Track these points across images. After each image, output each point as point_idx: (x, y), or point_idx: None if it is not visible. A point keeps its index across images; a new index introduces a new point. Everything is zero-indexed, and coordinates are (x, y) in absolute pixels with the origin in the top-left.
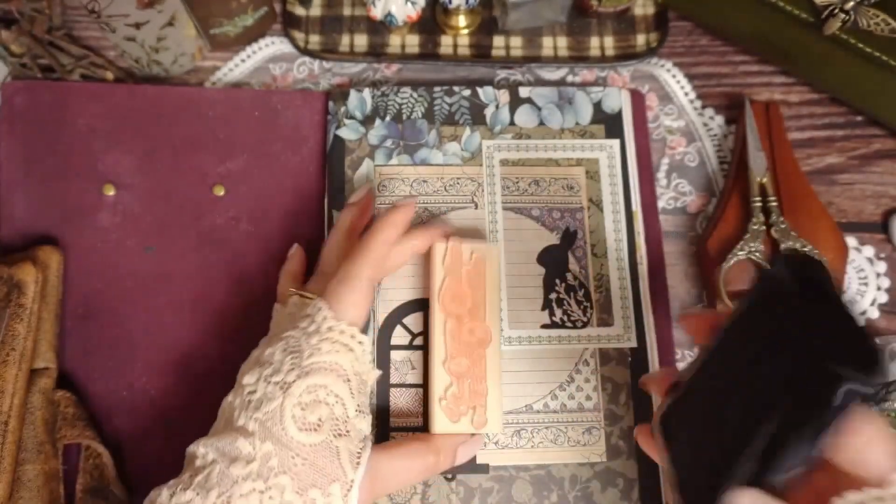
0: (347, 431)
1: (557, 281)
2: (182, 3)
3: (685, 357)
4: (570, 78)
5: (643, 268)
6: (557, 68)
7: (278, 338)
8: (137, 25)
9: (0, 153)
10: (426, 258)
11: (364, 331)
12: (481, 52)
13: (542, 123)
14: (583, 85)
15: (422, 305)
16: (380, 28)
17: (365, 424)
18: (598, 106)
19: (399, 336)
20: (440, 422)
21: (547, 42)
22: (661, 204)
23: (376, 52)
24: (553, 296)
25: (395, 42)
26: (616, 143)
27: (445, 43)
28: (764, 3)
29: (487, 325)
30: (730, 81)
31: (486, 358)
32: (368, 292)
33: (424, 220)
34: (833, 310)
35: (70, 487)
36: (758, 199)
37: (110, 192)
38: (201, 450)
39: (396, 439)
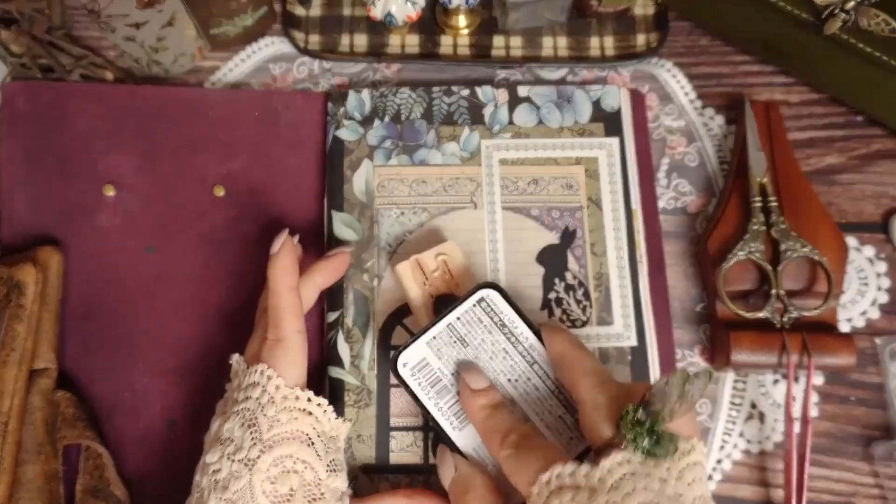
0: (322, 494)
1: (556, 280)
2: (182, 3)
3: (685, 357)
4: (570, 78)
5: (643, 266)
6: (557, 68)
7: (233, 412)
8: (137, 25)
9: (0, 153)
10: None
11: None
12: (481, 52)
13: (541, 122)
14: (583, 84)
15: None
16: (380, 28)
17: (340, 482)
18: (597, 104)
19: (399, 336)
20: None
21: (547, 42)
22: (661, 204)
23: (376, 52)
24: (552, 295)
25: (394, 42)
26: (615, 141)
27: (445, 43)
28: (764, 3)
29: None
30: (730, 81)
31: None
32: (303, 346)
33: (424, 222)
34: None
35: (70, 488)
36: (758, 199)
37: (110, 192)
38: None
39: (377, 493)
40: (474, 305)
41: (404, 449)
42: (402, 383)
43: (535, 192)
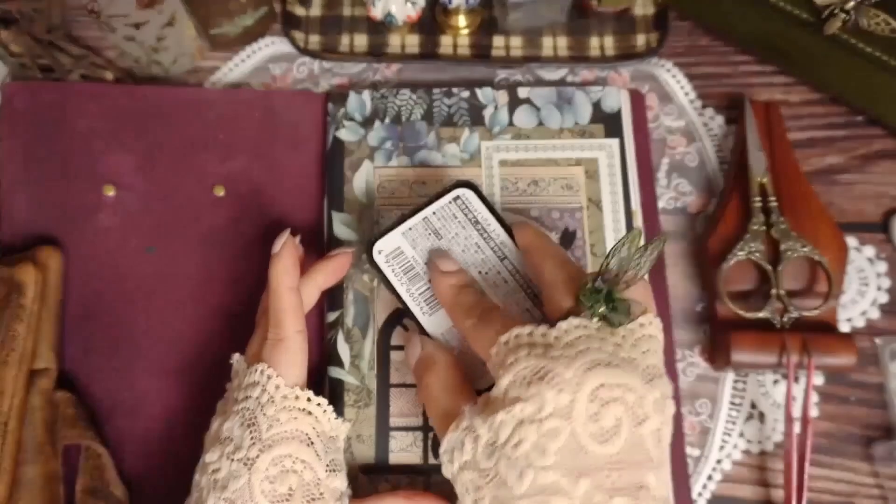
0: (321, 494)
1: None
2: (182, 4)
3: (685, 357)
4: (570, 78)
5: None
6: (557, 68)
7: (233, 411)
8: (137, 25)
9: (0, 154)
10: None
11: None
12: (481, 52)
13: (541, 124)
14: (583, 85)
15: None
16: (380, 28)
17: (339, 482)
18: (597, 105)
19: (399, 336)
20: None
21: (547, 42)
22: (661, 204)
23: (376, 52)
24: None
25: (394, 42)
26: (615, 142)
27: (445, 43)
28: (764, 3)
29: None
30: (730, 81)
31: None
32: (303, 346)
33: None
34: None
35: (70, 488)
36: (758, 199)
37: (110, 192)
38: None
39: (376, 494)
40: (450, 202)
41: (404, 449)
42: (377, 270)
43: (535, 194)
